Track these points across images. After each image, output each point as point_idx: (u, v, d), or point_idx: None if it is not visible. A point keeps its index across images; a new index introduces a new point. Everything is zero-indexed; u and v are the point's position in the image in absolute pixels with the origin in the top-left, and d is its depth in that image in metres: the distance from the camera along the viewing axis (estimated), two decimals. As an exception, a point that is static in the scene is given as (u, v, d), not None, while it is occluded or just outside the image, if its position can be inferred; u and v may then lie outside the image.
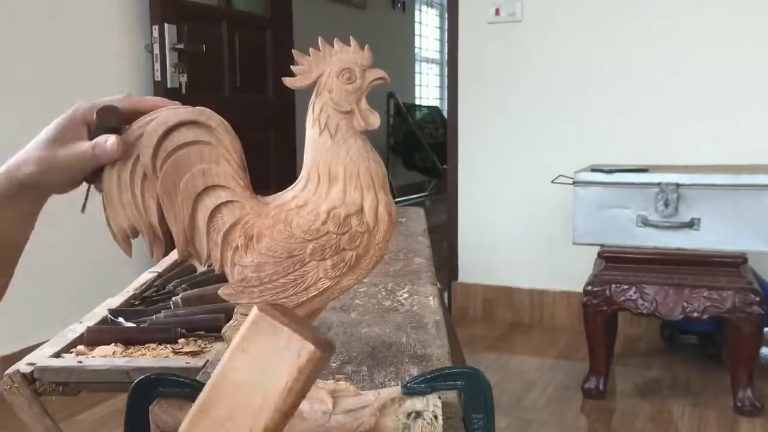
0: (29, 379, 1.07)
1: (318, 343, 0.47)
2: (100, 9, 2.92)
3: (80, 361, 1.10)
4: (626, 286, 2.39)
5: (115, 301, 1.36)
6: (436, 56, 8.86)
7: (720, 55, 2.94)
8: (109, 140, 0.66)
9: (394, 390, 0.72)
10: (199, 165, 0.67)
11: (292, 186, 0.70)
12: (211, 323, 1.19)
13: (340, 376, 0.83)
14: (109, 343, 1.16)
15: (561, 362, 2.88)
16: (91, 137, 0.68)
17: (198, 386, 0.74)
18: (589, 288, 2.44)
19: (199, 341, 1.17)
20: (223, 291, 0.68)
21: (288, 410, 0.47)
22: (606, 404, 2.47)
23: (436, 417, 0.69)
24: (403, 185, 6.86)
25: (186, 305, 1.28)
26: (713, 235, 2.32)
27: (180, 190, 0.67)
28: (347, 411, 0.68)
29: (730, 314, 2.28)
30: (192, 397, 0.73)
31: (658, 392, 2.58)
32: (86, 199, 0.72)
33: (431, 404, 0.70)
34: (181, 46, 3.11)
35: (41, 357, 1.11)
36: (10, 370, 1.08)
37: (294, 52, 0.68)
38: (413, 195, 6.84)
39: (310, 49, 0.68)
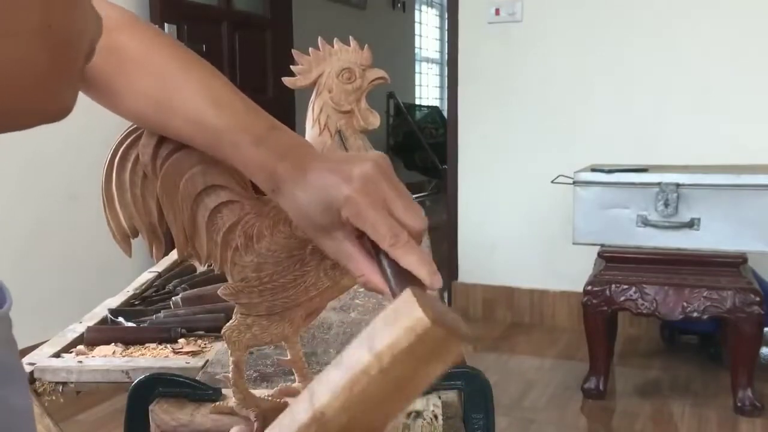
0: (29, 379, 1.07)
1: (470, 334, 0.46)
2: (100, 9, 2.92)
3: (80, 361, 1.10)
4: (626, 286, 2.39)
5: (115, 301, 1.36)
6: (436, 56, 8.86)
7: (720, 54, 2.94)
8: None
9: (394, 390, 0.71)
10: (199, 164, 0.67)
11: (292, 186, 0.70)
12: (211, 323, 1.19)
13: (340, 376, 0.83)
14: (109, 343, 1.16)
15: (561, 362, 2.88)
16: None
17: (198, 386, 0.74)
18: (589, 288, 2.43)
19: (199, 341, 1.17)
20: (223, 291, 0.68)
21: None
22: (606, 404, 2.47)
23: (436, 417, 0.69)
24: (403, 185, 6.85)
25: (186, 305, 1.28)
26: (713, 235, 2.32)
27: (180, 190, 0.66)
28: (347, 411, 0.68)
29: (730, 314, 2.28)
30: (192, 397, 0.73)
31: (658, 392, 2.58)
32: None
33: (431, 404, 0.70)
34: (181, 46, 3.11)
35: (41, 357, 1.11)
36: (10, 370, 1.08)
37: (294, 51, 0.68)
38: (413, 195, 6.83)
39: (310, 49, 0.68)
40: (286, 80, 0.68)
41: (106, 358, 1.11)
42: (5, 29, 0.32)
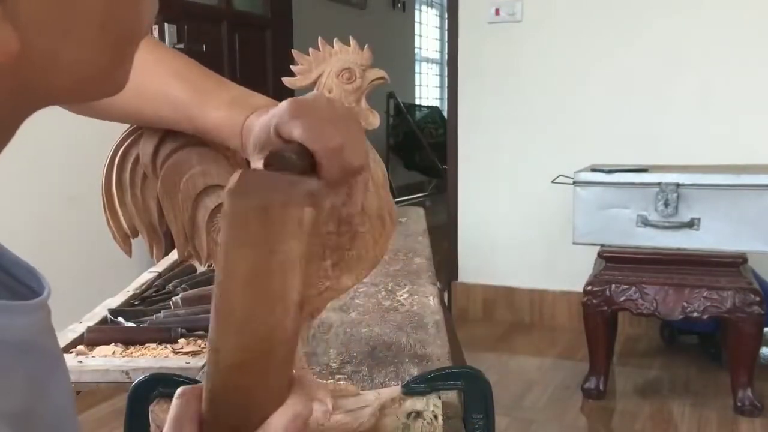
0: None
1: (312, 198, 0.41)
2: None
3: (80, 361, 1.10)
4: (626, 286, 2.39)
5: (115, 301, 1.36)
6: (436, 56, 8.86)
7: (720, 55, 2.93)
8: None
9: (394, 390, 0.72)
10: (199, 165, 0.67)
11: (292, 186, 0.70)
12: (211, 323, 1.19)
13: (340, 376, 0.83)
14: (109, 343, 1.16)
15: (561, 362, 2.88)
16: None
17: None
18: (589, 288, 2.43)
19: (199, 341, 1.17)
20: (223, 291, 0.67)
21: (309, 273, 0.43)
22: (606, 404, 2.47)
23: (436, 417, 0.69)
24: (403, 185, 6.85)
25: (186, 305, 1.28)
26: (713, 235, 2.32)
27: (180, 190, 0.66)
28: (347, 411, 0.68)
29: (730, 314, 2.28)
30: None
31: (658, 392, 2.57)
32: None
33: (431, 404, 0.70)
34: (181, 45, 3.11)
35: (41, 357, 1.11)
36: (10, 370, 1.08)
37: (294, 52, 0.68)
38: (413, 195, 6.84)
39: (310, 49, 0.68)
40: (286, 80, 0.68)
41: (106, 358, 1.11)
42: (68, 29, 0.34)
